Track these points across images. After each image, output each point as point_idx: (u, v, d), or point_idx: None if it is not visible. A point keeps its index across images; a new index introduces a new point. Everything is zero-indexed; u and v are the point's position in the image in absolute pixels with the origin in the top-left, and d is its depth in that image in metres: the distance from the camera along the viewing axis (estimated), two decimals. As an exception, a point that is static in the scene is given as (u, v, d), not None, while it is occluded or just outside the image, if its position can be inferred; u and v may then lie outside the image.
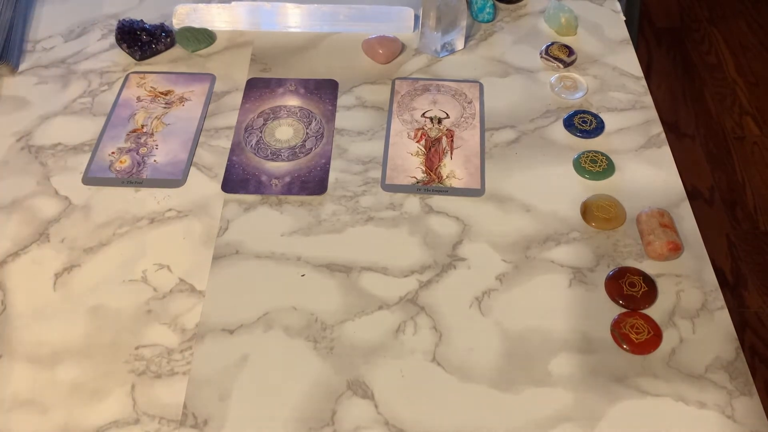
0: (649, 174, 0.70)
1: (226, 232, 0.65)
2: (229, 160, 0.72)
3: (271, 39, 0.86)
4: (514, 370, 0.56)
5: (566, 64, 0.81)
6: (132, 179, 0.70)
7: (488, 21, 0.87)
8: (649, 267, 0.62)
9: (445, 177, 0.70)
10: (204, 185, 0.70)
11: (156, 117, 0.76)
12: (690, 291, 0.61)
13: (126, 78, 0.81)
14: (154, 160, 0.72)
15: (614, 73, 0.81)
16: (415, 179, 0.70)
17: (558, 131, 0.74)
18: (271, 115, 0.76)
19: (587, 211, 0.66)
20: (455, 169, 0.71)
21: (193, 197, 0.69)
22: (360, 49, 0.84)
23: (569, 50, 0.82)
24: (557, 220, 0.66)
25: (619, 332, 0.57)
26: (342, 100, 0.78)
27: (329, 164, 0.71)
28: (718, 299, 0.60)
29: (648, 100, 0.77)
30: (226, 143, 0.74)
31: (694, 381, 0.55)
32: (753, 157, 1.71)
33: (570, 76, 0.80)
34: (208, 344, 0.58)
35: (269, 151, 0.73)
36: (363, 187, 0.69)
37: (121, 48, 0.84)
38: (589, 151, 0.72)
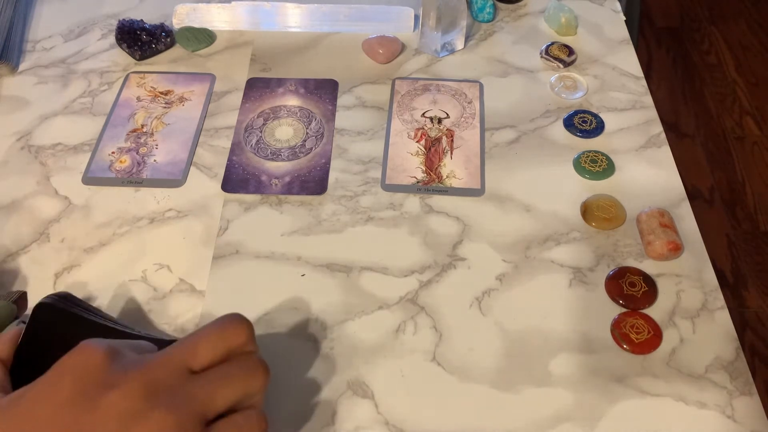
0: (649, 174, 0.70)
1: (226, 232, 0.65)
2: (229, 159, 0.72)
3: (271, 39, 0.86)
4: (514, 370, 0.56)
5: (566, 64, 0.81)
6: (132, 179, 0.70)
7: (488, 21, 0.87)
8: (649, 267, 0.62)
9: (445, 177, 0.70)
10: (204, 185, 0.70)
11: (156, 117, 0.76)
12: (690, 291, 0.61)
13: (126, 78, 0.81)
14: (154, 160, 0.72)
15: (614, 73, 0.81)
16: (415, 179, 0.70)
17: (558, 131, 0.74)
18: (271, 115, 0.76)
19: (587, 210, 0.66)
20: (455, 168, 0.71)
21: (193, 197, 0.69)
22: (360, 49, 0.84)
23: (569, 50, 0.82)
24: (557, 220, 0.66)
25: (619, 332, 0.57)
26: (342, 100, 0.78)
27: (329, 164, 0.71)
28: (718, 299, 0.60)
29: (648, 100, 0.77)
30: (226, 143, 0.74)
31: (694, 381, 0.55)
32: (753, 157, 1.71)
33: (570, 76, 0.80)
34: (208, 344, 0.58)
35: (269, 151, 0.73)
36: (363, 187, 0.69)
37: (121, 48, 0.84)
38: (589, 151, 0.72)
